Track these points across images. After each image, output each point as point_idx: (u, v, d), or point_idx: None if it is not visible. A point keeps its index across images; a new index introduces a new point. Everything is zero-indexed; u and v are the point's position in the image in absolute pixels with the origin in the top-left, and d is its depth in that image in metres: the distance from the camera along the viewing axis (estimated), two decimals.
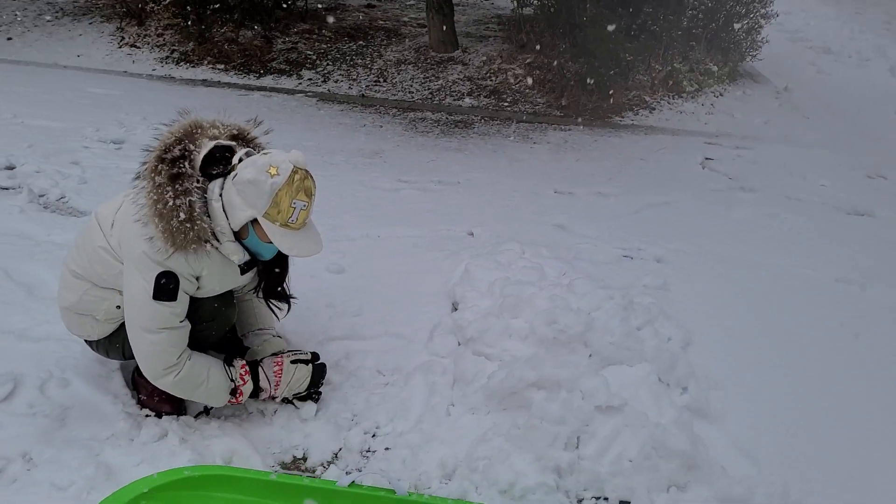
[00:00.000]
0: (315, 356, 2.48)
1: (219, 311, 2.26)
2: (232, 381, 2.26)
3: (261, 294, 2.38)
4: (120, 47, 8.28)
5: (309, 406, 2.38)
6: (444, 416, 2.42)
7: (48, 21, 9.17)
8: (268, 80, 7.49)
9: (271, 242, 2.04)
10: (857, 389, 2.72)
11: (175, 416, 2.28)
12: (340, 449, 2.29)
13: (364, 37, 8.68)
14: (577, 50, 6.67)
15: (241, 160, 2.05)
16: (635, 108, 6.74)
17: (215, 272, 2.13)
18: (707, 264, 3.68)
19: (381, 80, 7.51)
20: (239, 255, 2.11)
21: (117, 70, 7.66)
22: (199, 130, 2.09)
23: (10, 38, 8.61)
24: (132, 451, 2.12)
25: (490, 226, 4.00)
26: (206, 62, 7.85)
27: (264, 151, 2.11)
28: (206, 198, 2.03)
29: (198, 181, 2.01)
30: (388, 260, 3.53)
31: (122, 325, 2.25)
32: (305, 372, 2.39)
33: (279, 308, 2.48)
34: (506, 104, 6.89)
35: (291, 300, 2.47)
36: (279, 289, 2.40)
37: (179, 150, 2.01)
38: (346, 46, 8.38)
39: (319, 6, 9.51)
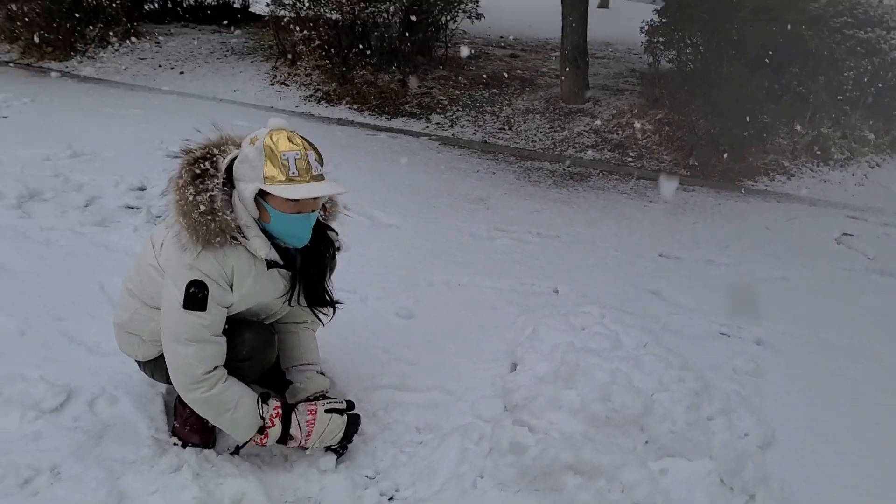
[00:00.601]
0: (350, 405, 2.41)
1: (257, 350, 2.25)
2: (261, 418, 2.23)
3: (303, 301, 2.36)
4: (272, 84, 8.90)
5: (329, 456, 2.30)
6: (470, 487, 2.25)
7: (217, 59, 10.06)
8: (398, 122, 7.71)
9: (291, 212, 2.04)
10: None
11: (199, 449, 2.29)
12: None
13: (499, 85, 8.74)
14: (712, 108, 6.29)
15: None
16: (771, 174, 6.21)
17: (244, 272, 2.11)
18: (815, 353, 3.24)
19: (507, 127, 7.49)
20: (265, 250, 2.10)
21: (265, 105, 8.21)
22: (229, 142, 2.16)
23: (182, 73, 9.52)
24: (150, 479, 2.13)
25: (578, 284, 3.79)
26: (344, 102, 8.22)
27: None
28: (229, 196, 2.06)
29: (221, 180, 2.05)
30: (460, 310, 3.42)
31: None
32: (339, 423, 2.32)
33: (324, 313, 2.45)
34: (629, 159, 6.62)
35: (337, 304, 2.44)
36: (321, 291, 2.38)
37: (203, 152, 2.08)
38: (478, 94, 8.47)
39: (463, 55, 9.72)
